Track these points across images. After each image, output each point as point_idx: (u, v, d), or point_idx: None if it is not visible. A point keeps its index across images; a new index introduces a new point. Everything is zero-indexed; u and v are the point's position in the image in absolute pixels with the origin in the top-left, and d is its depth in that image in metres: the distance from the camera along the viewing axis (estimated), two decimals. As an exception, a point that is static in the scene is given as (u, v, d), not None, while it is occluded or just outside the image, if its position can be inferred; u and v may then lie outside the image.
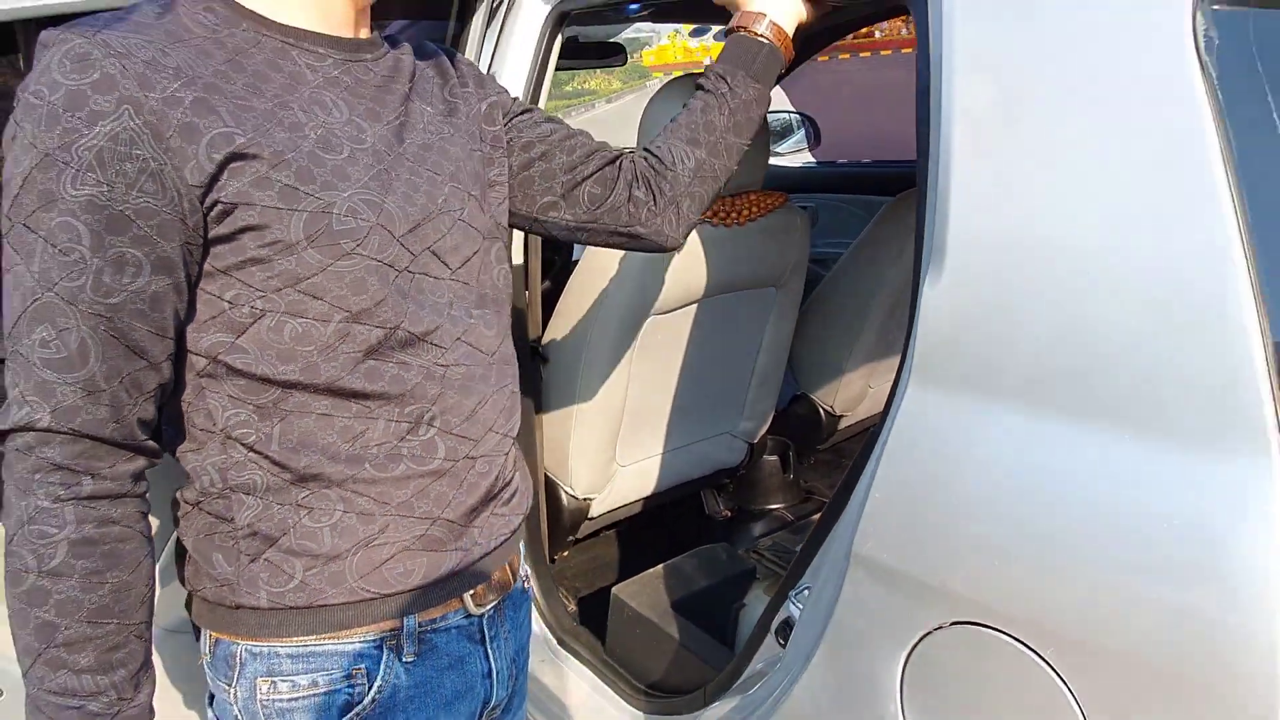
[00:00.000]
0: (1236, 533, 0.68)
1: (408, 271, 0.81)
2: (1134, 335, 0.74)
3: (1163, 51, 0.73)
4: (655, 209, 1.04)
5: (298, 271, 0.75)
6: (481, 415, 0.88)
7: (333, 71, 0.82)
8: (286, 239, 0.74)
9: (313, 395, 0.79)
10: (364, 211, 0.77)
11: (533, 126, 1.00)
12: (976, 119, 0.85)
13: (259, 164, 0.73)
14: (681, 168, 1.04)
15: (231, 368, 0.77)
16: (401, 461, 0.82)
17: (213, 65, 0.74)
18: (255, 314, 0.76)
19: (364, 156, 0.79)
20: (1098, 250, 0.76)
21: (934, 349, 0.88)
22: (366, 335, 0.79)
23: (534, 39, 1.57)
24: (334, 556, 0.81)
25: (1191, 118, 0.71)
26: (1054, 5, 0.80)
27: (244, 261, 0.74)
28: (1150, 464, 0.73)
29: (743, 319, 1.94)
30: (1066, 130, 0.79)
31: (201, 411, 0.79)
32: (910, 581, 0.89)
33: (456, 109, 0.93)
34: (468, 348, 0.86)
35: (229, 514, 0.81)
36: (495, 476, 0.90)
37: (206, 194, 0.72)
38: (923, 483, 0.88)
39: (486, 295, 0.89)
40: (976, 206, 0.84)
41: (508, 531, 0.93)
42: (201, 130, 0.71)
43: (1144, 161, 0.74)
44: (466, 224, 0.87)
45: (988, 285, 0.83)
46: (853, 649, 0.96)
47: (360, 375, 0.79)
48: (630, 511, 2.08)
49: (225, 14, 0.78)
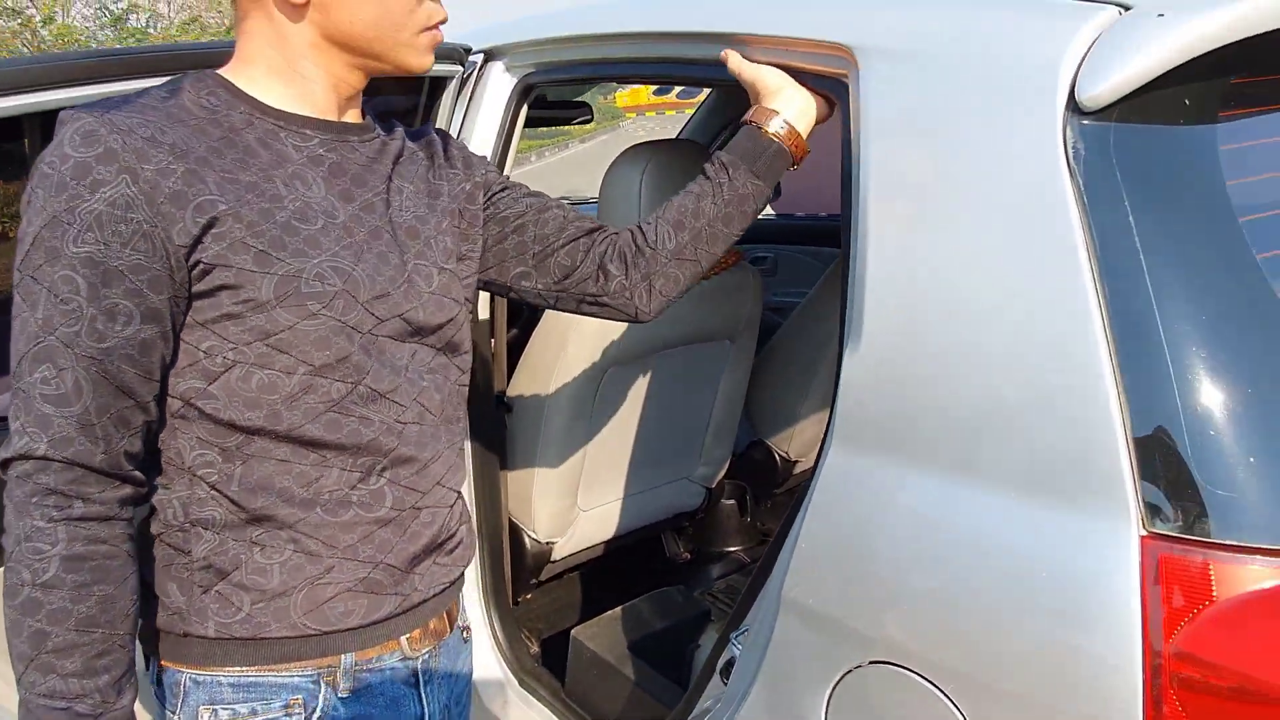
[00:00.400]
0: (1099, 580, 0.77)
1: (371, 334, 0.88)
2: (1016, 408, 0.84)
3: (1038, 159, 0.84)
4: (626, 283, 1.09)
5: (267, 327, 0.83)
6: (432, 470, 0.95)
7: (317, 150, 0.90)
8: (258, 298, 0.83)
9: (274, 441, 0.86)
10: (331, 277, 0.85)
11: (512, 202, 1.08)
12: (885, 217, 0.95)
13: (238, 230, 0.82)
14: (662, 248, 1.09)
15: (202, 411, 0.85)
16: (351, 508, 0.89)
17: (207, 142, 0.84)
18: (227, 364, 0.84)
19: (335, 229, 0.88)
20: (984, 332, 0.86)
21: (852, 413, 0.98)
22: (329, 388, 0.86)
23: (500, 110, 1.67)
24: (281, 593, 0.88)
25: (1062, 218, 0.82)
26: (948, 122, 0.92)
27: (220, 316, 0.83)
28: (1030, 520, 0.83)
29: (699, 370, 2.04)
30: (959, 228, 0.90)
31: (173, 449, 0.87)
32: (833, 625, 0.98)
33: (440, 190, 1.01)
34: (421, 408, 0.93)
35: (187, 546, 0.87)
36: (439, 527, 0.96)
37: (190, 254, 0.81)
38: (842, 536, 0.97)
39: (441, 362, 0.96)
40: (886, 290, 0.95)
41: (448, 581, 0.99)
42: (189, 198, 0.80)
43: (1023, 255, 0.85)
44: (435, 295, 0.94)
45: (895, 359, 0.93)
46: (783, 686, 1.05)
47: (321, 425, 0.87)
48: (592, 554, 2.16)
49: (226, 98, 0.88)
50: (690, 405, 2.09)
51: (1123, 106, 0.83)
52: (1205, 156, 0.84)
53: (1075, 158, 0.83)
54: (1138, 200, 0.81)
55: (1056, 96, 0.84)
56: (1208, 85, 0.87)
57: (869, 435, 0.96)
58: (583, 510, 2.04)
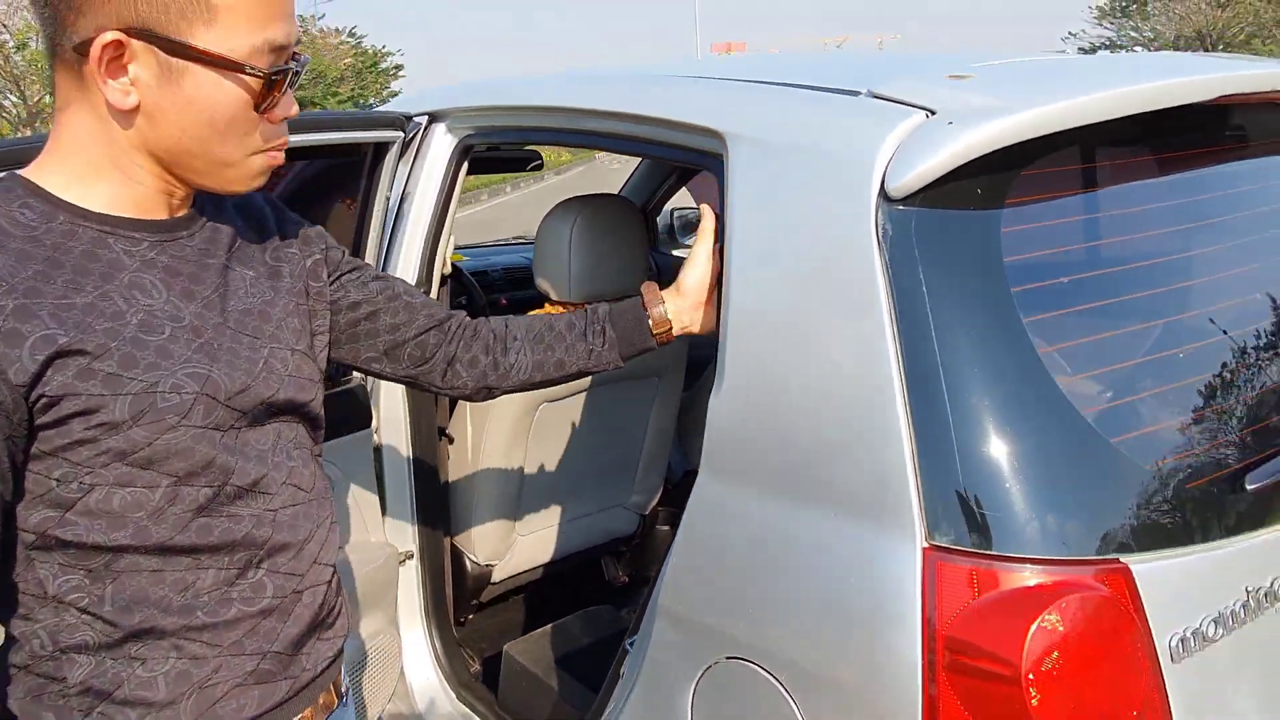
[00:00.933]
0: (895, 584, 0.94)
1: (233, 429, 0.86)
2: (836, 443, 1.01)
3: (856, 237, 1.02)
4: (469, 385, 1.14)
5: (124, 448, 0.79)
6: (307, 550, 0.93)
7: (149, 254, 0.84)
8: (113, 419, 0.78)
9: (144, 555, 0.82)
10: (188, 385, 0.82)
11: (360, 286, 1.07)
12: (743, 275, 1.13)
13: (82, 358, 0.77)
14: (513, 376, 1.16)
15: (61, 539, 0.80)
16: (233, 605, 0.87)
17: (32, 268, 0.77)
18: (84, 488, 0.79)
19: (184, 333, 0.83)
20: (813, 378, 1.04)
21: (716, 446, 1.15)
22: (195, 495, 0.83)
23: (443, 167, 1.85)
24: (169, 703, 0.84)
25: (871, 285, 1.00)
26: (790, 200, 1.10)
27: (71, 443, 0.78)
28: (846, 535, 1.00)
29: (629, 405, 2.21)
30: (796, 290, 1.07)
31: (31, 581, 0.81)
32: (696, 627, 1.15)
33: (281, 271, 0.97)
34: (292, 489, 0.92)
35: (59, 674, 0.82)
36: (320, 605, 0.95)
37: (31, 390, 0.75)
38: (704, 551, 1.14)
39: (304, 436, 0.96)
40: (742, 339, 1.12)
41: (332, 654, 0.98)
42: (24, 334, 0.75)
43: (842, 314, 1.02)
44: (293, 377, 0.92)
45: (748, 400, 1.11)
46: (659, 681, 1.21)
47: (192, 532, 0.83)
48: (532, 577, 2.30)
49: (41, 208, 0.80)
50: (622, 438, 2.26)
51: (923, 195, 1.01)
52: (988, 236, 1.02)
53: (884, 236, 1.01)
54: (930, 273, 0.99)
55: (871, 186, 1.02)
56: (999, 176, 1.05)
57: (728, 465, 1.13)
58: (520, 535, 2.19)
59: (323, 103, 25.91)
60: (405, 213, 1.84)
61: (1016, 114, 0.99)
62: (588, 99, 1.50)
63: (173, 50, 0.78)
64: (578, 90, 1.58)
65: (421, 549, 1.96)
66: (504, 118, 1.75)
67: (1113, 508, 0.96)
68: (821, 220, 1.06)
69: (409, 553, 1.95)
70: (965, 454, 0.94)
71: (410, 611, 1.99)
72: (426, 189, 1.84)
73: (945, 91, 1.08)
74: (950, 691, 0.90)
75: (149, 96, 0.79)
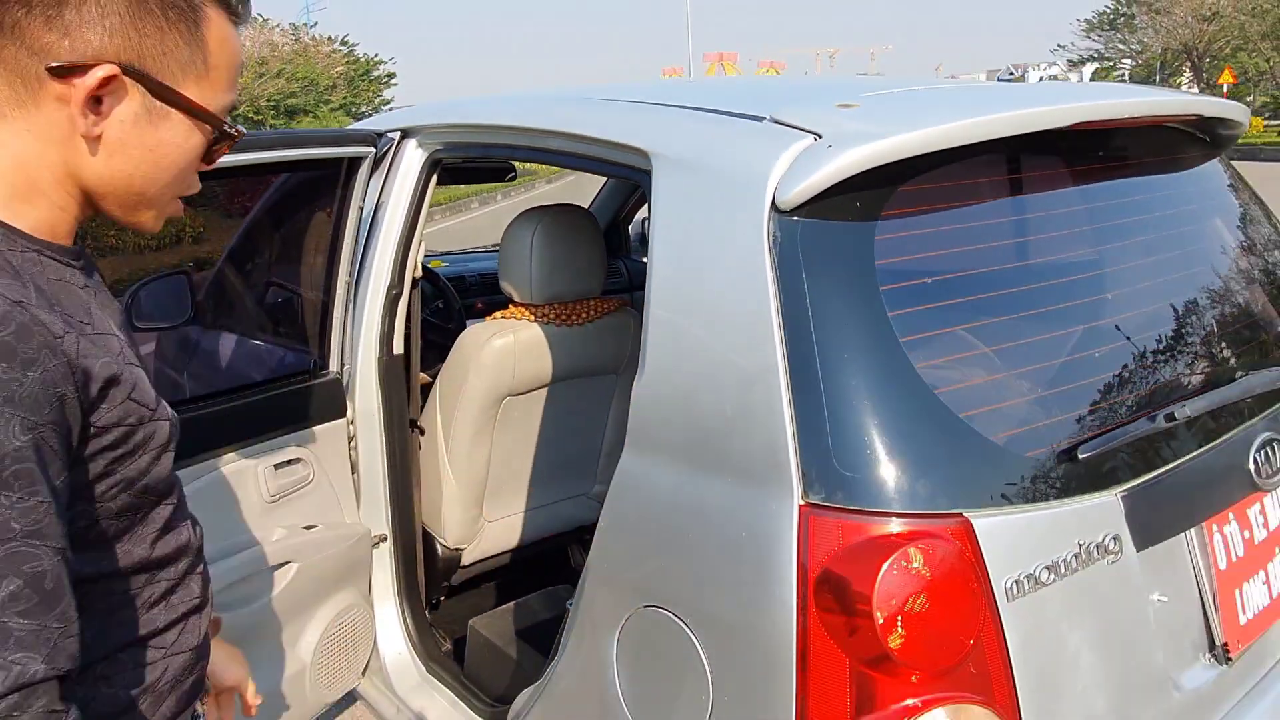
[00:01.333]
0: (777, 537, 1.11)
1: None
2: (732, 419, 1.18)
3: (750, 243, 1.19)
4: None
5: (132, 476, 0.81)
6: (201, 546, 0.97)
7: (84, 281, 0.84)
8: (128, 449, 0.80)
9: (118, 579, 0.85)
10: (166, 409, 0.86)
11: None
12: (662, 277, 1.30)
13: (119, 388, 0.78)
14: None
15: None
16: (176, 609, 0.91)
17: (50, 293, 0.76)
18: (90, 522, 0.79)
19: (133, 357, 0.85)
20: (714, 364, 1.21)
21: (638, 424, 1.32)
22: (164, 513, 0.88)
23: (413, 180, 2.02)
24: (127, 709, 0.87)
25: (762, 285, 1.17)
26: (698, 211, 1.27)
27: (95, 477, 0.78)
28: (740, 497, 1.17)
29: (589, 400, 2.37)
30: (703, 287, 1.25)
31: None
32: (619, 582, 1.31)
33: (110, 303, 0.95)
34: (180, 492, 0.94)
35: None
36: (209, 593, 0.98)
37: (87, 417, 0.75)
38: (625, 516, 1.31)
39: None
40: (659, 331, 1.29)
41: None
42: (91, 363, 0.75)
43: (738, 310, 1.19)
44: None
45: (663, 383, 1.28)
46: (588, 632, 1.37)
47: (160, 548, 0.88)
48: (500, 562, 2.47)
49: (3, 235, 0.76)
50: (583, 430, 2.42)
51: (808, 207, 1.18)
52: (863, 243, 1.19)
53: (773, 243, 1.18)
54: (811, 274, 1.16)
55: (764, 199, 1.19)
56: (878, 192, 1.22)
57: (646, 441, 1.30)
58: (489, 520, 2.36)
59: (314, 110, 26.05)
60: (379, 221, 2.01)
61: (885, 139, 1.17)
62: (536, 119, 1.68)
63: (162, 95, 0.79)
64: (528, 111, 1.76)
65: (394, 532, 2.12)
66: (467, 135, 1.93)
67: (959, 473, 1.13)
68: (725, 228, 1.24)
69: (382, 535, 2.11)
70: (835, 427, 1.11)
71: (384, 591, 2.15)
72: (399, 199, 2.01)
73: (833, 117, 1.26)
74: (819, 624, 1.07)
75: (116, 132, 0.78)
